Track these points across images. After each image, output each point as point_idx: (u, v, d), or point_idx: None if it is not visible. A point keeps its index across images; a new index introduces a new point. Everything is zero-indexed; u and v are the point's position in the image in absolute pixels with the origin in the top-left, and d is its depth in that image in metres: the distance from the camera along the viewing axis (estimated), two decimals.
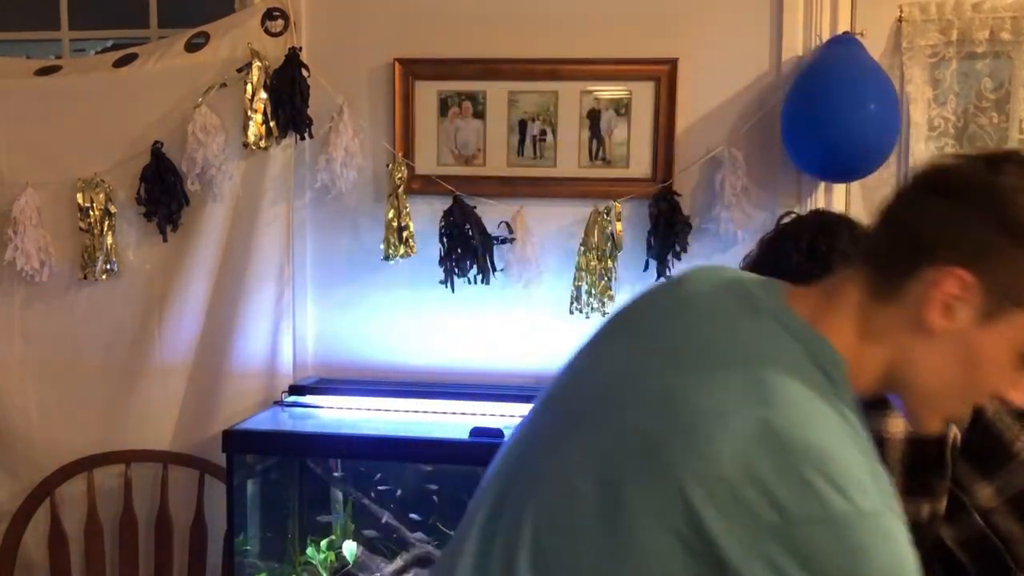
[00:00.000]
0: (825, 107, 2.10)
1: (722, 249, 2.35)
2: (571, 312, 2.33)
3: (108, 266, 2.43)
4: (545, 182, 2.39)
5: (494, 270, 2.38)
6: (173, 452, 2.46)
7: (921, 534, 1.56)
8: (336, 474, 2.42)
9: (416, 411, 2.30)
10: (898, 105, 2.18)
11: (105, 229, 2.43)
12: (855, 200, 2.31)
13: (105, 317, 2.49)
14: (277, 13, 2.41)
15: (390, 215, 2.37)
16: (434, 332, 2.45)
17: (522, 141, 2.40)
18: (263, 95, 2.35)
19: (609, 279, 2.31)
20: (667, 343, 0.91)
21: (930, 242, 0.87)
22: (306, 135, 2.40)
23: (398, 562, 2.19)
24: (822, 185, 2.29)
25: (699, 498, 0.76)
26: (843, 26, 2.25)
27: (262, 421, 2.29)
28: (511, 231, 2.39)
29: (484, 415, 2.23)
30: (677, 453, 0.79)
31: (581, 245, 2.33)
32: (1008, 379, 0.89)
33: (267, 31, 2.41)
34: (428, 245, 2.40)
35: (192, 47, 2.43)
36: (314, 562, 2.31)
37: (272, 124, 2.37)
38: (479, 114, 2.41)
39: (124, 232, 2.46)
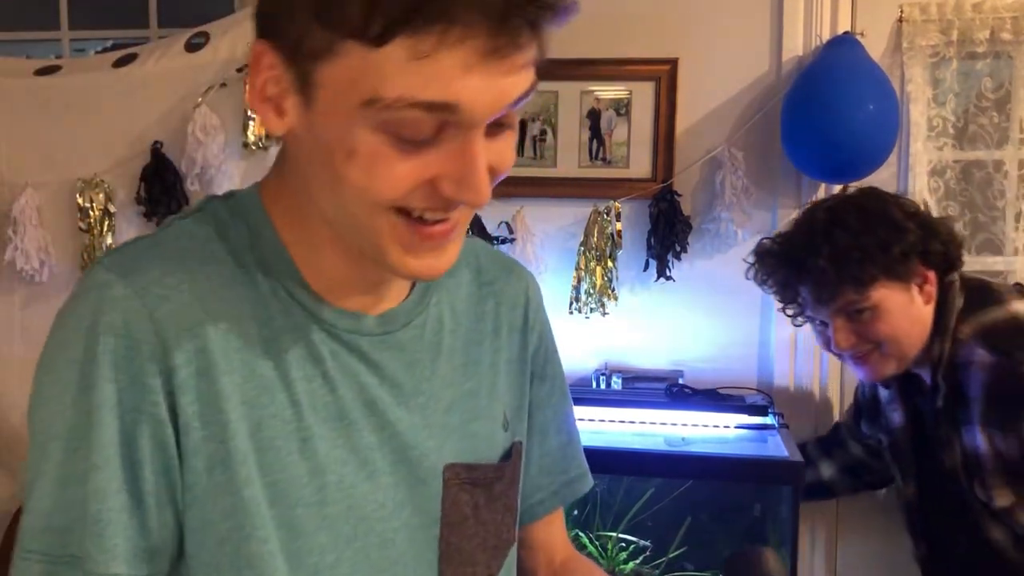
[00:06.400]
0: (825, 107, 2.09)
1: (722, 249, 2.35)
2: (571, 312, 2.33)
3: None
4: (545, 182, 2.39)
5: None
6: None
7: None
8: None
9: None
10: (898, 105, 2.18)
11: (105, 229, 2.42)
12: None
13: None
14: None
15: None
16: None
17: (522, 141, 2.39)
18: None
19: (609, 279, 2.31)
20: None
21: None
22: None
23: None
24: (822, 185, 2.29)
25: None
26: (843, 26, 2.25)
27: None
28: (511, 231, 2.39)
29: None
30: None
31: (581, 245, 2.32)
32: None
33: None
34: None
35: (192, 47, 2.42)
36: None
37: None
38: None
39: (124, 232, 2.45)
